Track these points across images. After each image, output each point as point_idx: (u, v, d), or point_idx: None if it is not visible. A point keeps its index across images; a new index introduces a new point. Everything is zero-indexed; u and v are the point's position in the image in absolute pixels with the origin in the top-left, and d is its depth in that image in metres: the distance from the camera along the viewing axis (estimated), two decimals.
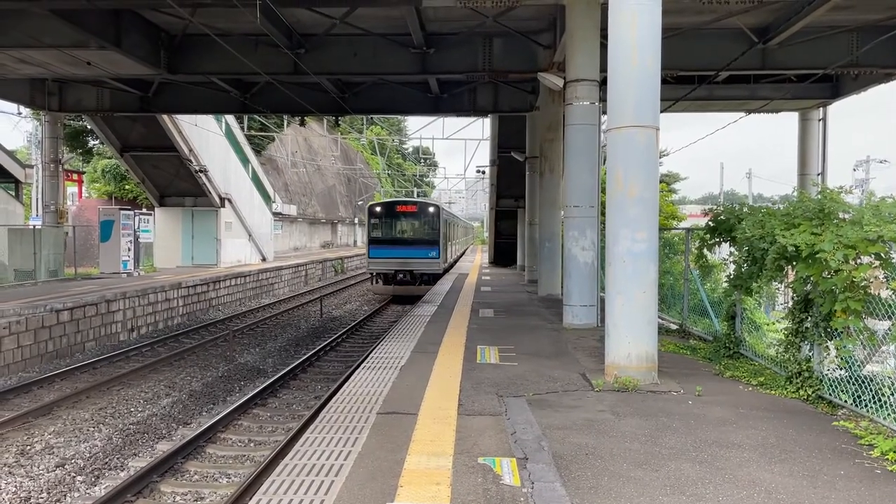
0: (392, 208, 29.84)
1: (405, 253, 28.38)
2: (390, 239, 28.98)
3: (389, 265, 28.42)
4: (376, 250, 28.69)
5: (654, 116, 7.88)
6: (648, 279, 7.84)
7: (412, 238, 29.08)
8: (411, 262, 28.27)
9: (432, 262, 28.39)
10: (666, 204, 35.24)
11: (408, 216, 29.54)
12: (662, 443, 5.81)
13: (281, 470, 5.07)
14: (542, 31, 16.82)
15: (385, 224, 29.39)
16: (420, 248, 28.49)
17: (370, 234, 29.18)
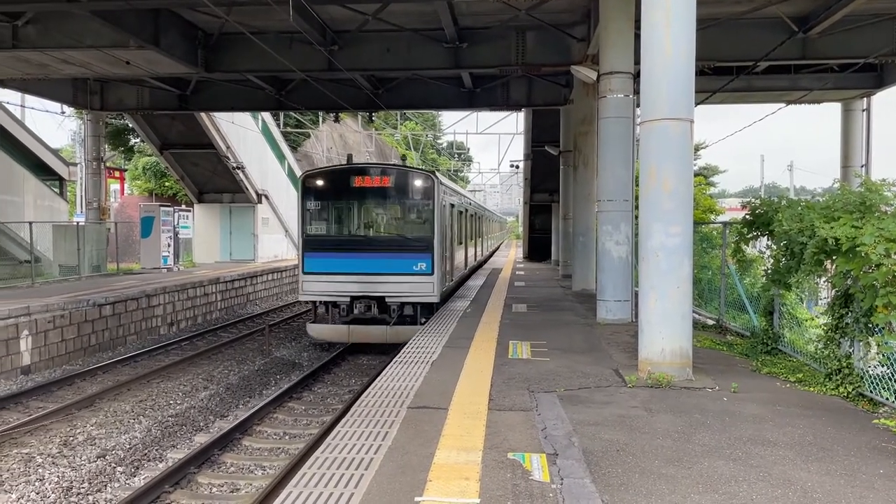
0: (345, 181, 15.77)
1: (370, 264, 15.22)
2: (342, 239, 15.73)
3: (341, 287, 15.26)
4: (316, 259, 15.43)
5: (689, 109, 7.75)
6: (682, 274, 7.73)
7: (384, 237, 15.94)
8: (382, 280, 15.14)
9: (420, 282, 15.11)
10: (703, 197, 34.68)
11: (375, 196, 15.99)
12: (695, 440, 5.73)
13: (312, 463, 5.13)
14: (575, 23, 16.66)
15: (333, 211, 16.15)
16: (398, 254, 15.28)
17: (304, 230, 15.66)
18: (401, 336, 14.25)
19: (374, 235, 15.90)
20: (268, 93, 21.83)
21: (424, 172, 16.10)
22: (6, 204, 25.09)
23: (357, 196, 15.85)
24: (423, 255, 15.08)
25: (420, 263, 15.07)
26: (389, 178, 15.66)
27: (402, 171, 16.71)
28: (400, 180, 15.74)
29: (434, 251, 15.11)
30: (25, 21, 15.83)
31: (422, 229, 15.53)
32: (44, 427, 10.36)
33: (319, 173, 16.46)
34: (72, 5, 13.23)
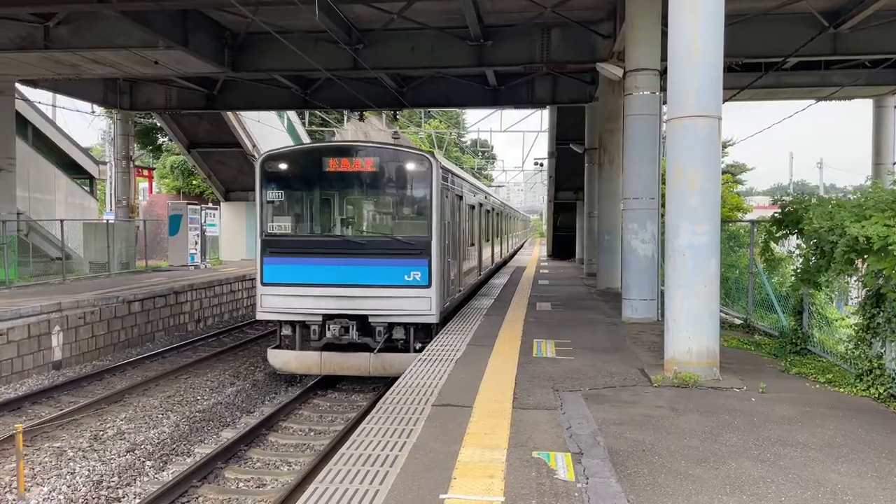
0: (316, 164, 12.28)
1: (349, 273, 11.71)
2: (312, 240, 12.26)
3: (311, 303, 11.88)
4: (279, 267, 12.00)
5: (717, 105, 7.67)
6: (710, 273, 7.65)
7: (367, 237, 12.49)
8: (364, 294, 11.69)
9: (414, 296, 11.66)
10: (731, 195, 34.23)
11: (355, 183, 12.55)
12: (723, 440, 5.67)
13: (338, 459, 5.17)
14: (601, 20, 16.56)
15: (300, 204, 12.69)
16: (386, 260, 11.76)
17: (264, 229, 12.18)
18: (388, 367, 11.38)
19: (354, 236, 12.29)
20: (293, 92, 21.99)
21: (419, 154, 12.13)
22: (38, 202, 25.60)
23: (332, 184, 12.31)
24: (417, 261, 11.42)
25: (414, 272, 11.38)
26: (373, 160, 11.84)
27: (389, 151, 12.37)
28: (387, 163, 11.96)
29: (432, 255, 11.42)
30: (57, 22, 16.11)
31: (416, 227, 11.76)
32: (74, 421, 10.55)
33: (283, 155, 12.38)
34: (102, 6, 13.44)
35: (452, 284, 13.32)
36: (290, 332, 12.16)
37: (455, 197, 13.71)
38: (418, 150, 12.73)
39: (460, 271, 14.47)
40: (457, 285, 13.99)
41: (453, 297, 13.43)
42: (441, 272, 11.82)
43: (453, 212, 13.43)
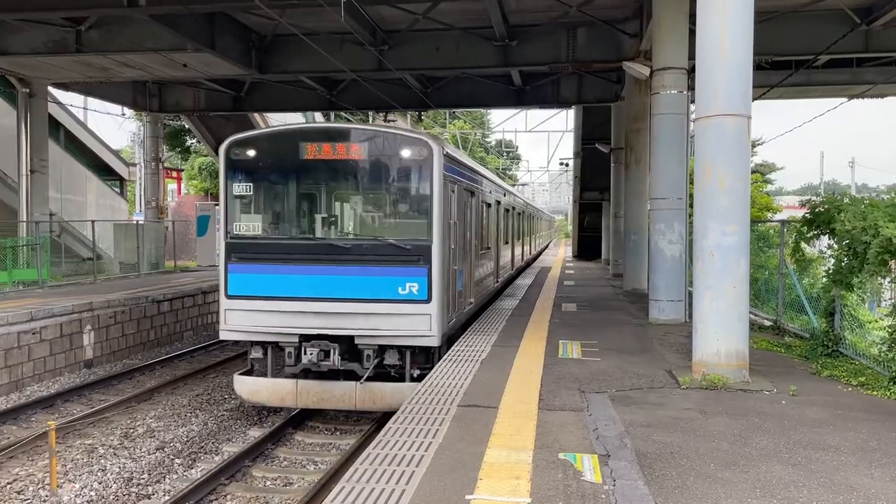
0: (291, 151, 10.13)
1: (331, 284, 9.70)
2: (287, 244, 10.16)
3: (285, 321, 9.84)
4: (247, 276, 9.97)
5: (746, 104, 7.57)
6: (739, 274, 7.55)
7: (353, 241, 10.26)
8: (349, 310, 9.63)
9: (410, 313, 9.61)
10: (760, 195, 33.85)
11: (339, 174, 10.66)
12: (753, 443, 5.60)
13: (364, 458, 5.18)
14: (627, 19, 16.44)
15: (273, 199, 10.80)
16: (376, 268, 9.64)
17: (229, 229, 10.21)
18: (379, 399, 9.59)
19: (337, 238, 10.19)
20: (319, 93, 22.15)
21: (416, 137, 10.00)
22: (70, 203, 26.07)
23: (311, 175, 10.38)
24: (415, 270, 9.40)
25: (410, 283, 9.37)
26: (361, 146, 9.78)
27: (380, 134, 10.13)
28: (378, 150, 9.88)
29: (433, 263, 9.42)
30: (88, 26, 16.40)
31: (414, 228, 9.79)
32: (105, 419, 10.72)
33: (253, 139, 10.33)
34: (132, 10, 13.65)
35: (461, 297, 11.22)
36: (261, 355, 10.22)
37: (465, 192, 11.51)
38: (416, 133, 10.08)
39: (471, 280, 12.28)
40: (466, 297, 11.72)
41: (462, 311, 11.32)
42: (445, 283, 9.81)
43: (463, 209, 11.37)
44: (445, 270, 9.88)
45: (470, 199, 12.17)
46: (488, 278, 15.02)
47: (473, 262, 12.51)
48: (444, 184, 9.80)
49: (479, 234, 13.23)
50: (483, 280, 14.11)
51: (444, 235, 9.74)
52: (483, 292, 13.99)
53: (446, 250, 9.98)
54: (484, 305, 14.12)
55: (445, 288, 9.89)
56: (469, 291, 12.05)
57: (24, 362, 12.51)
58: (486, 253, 14.63)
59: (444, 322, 9.84)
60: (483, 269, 14.15)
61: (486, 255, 14.49)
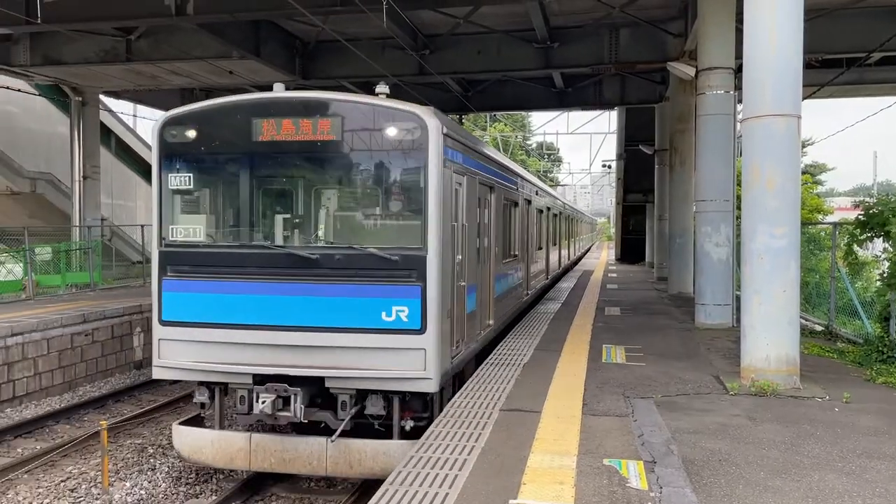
0: (243, 130, 7.51)
1: (294, 308, 7.29)
2: (237, 253, 7.67)
3: (234, 355, 7.38)
4: (186, 295, 7.58)
5: (795, 104, 7.40)
6: (789, 277, 7.37)
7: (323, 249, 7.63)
8: (317, 342, 7.23)
9: (398, 346, 7.15)
10: (810, 197, 33.03)
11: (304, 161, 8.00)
12: (804, 451, 5.45)
13: (408, 461, 5.20)
14: (671, 19, 16.22)
15: (219, 193, 8.14)
16: (353, 286, 7.22)
17: (163, 234, 7.72)
18: (357, 462, 7.25)
19: (302, 246, 7.63)
20: None
21: (404, 110, 7.32)
22: (120, 208, 26.80)
23: (268, 162, 7.93)
24: (404, 290, 7.12)
25: (398, 307, 7.09)
26: (332, 122, 7.34)
27: (357, 109, 7.54)
28: (354, 128, 7.41)
29: (429, 278, 7.09)
30: (138, 35, 16.84)
31: (403, 232, 7.48)
32: (154, 419, 10.96)
33: (193, 116, 7.79)
34: (180, 19, 13.96)
35: (473, 321, 8.87)
36: (207, 399, 7.80)
37: (480, 187, 9.32)
38: (404, 105, 7.33)
39: (490, 297, 10.13)
40: (482, 320, 9.57)
41: (475, 339, 9.00)
42: (447, 305, 7.42)
43: (476, 208, 9.12)
44: (448, 288, 7.48)
45: (488, 195, 10.01)
46: (515, 292, 12.70)
47: (493, 273, 10.24)
48: (446, 173, 7.39)
49: (501, 240, 11.06)
50: (507, 295, 11.78)
51: (445, 242, 7.31)
52: (507, 310, 11.71)
53: (449, 261, 7.53)
54: (510, 324, 11.88)
55: (448, 312, 7.46)
56: (487, 312, 9.95)
57: (77, 363, 12.88)
58: (512, 262, 12.29)
59: (447, 357, 7.47)
60: (507, 281, 11.84)
61: (511, 264, 12.20)
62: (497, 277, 10.65)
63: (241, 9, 14.10)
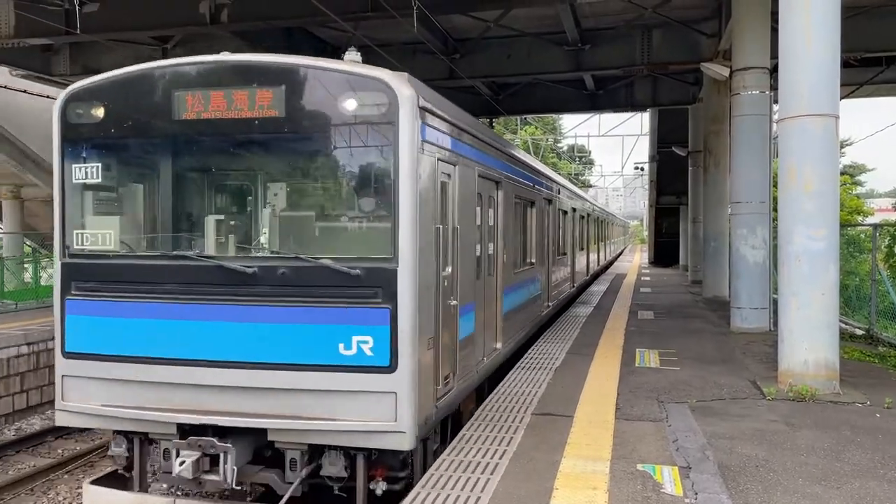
0: (163, 106, 5.76)
1: (226, 336, 5.55)
2: (154, 267, 5.85)
3: (152, 396, 5.69)
4: (91, 320, 5.88)
5: (833, 103, 7.25)
6: (828, 280, 7.22)
7: (262, 262, 5.69)
8: (256, 382, 5.48)
9: (361, 389, 5.37)
10: (849, 198, 32.40)
11: (241, 145, 6.05)
12: (845, 458, 5.33)
13: (439, 464, 5.20)
14: (705, 19, 16.02)
15: (135, 187, 6.50)
16: (302, 308, 5.46)
17: (66, 241, 6.01)
18: None
19: (238, 256, 5.90)
20: None
21: (368, 77, 5.53)
22: None
23: (193, 147, 6.30)
24: (367, 314, 5.45)
25: (360, 337, 5.44)
26: (275, 93, 5.61)
27: (307, 75, 5.72)
28: (303, 101, 5.73)
29: (401, 298, 5.41)
30: (174, 44, 17.14)
31: (366, 238, 5.92)
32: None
33: (101, 89, 6.07)
34: (215, 27, 14.18)
35: (470, 347, 7.04)
36: (125, 450, 6.07)
37: (480, 181, 7.51)
38: (368, 70, 5.60)
39: (497, 316, 8.45)
40: (484, 345, 7.66)
41: (473, 370, 7.15)
42: (426, 332, 5.66)
43: (477, 207, 7.48)
44: (430, 310, 5.74)
45: (493, 192, 8.32)
46: (531, 306, 11.05)
47: (501, 287, 8.57)
48: (426, 160, 5.69)
49: (513, 245, 9.46)
50: (522, 311, 10.12)
51: (425, 250, 5.60)
52: (521, 328, 10.04)
53: (432, 275, 5.82)
54: (527, 343, 10.46)
55: (430, 340, 5.74)
56: (493, 333, 8.27)
57: None
58: (528, 271, 10.77)
59: (429, 400, 5.70)
60: (522, 294, 10.18)
61: (526, 273, 10.59)
62: (507, 291, 8.89)
63: (275, 16, 14.27)
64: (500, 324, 8.52)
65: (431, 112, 5.84)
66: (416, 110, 5.43)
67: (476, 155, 7.38)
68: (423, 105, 5.59)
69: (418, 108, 5.47)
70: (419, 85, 5.74)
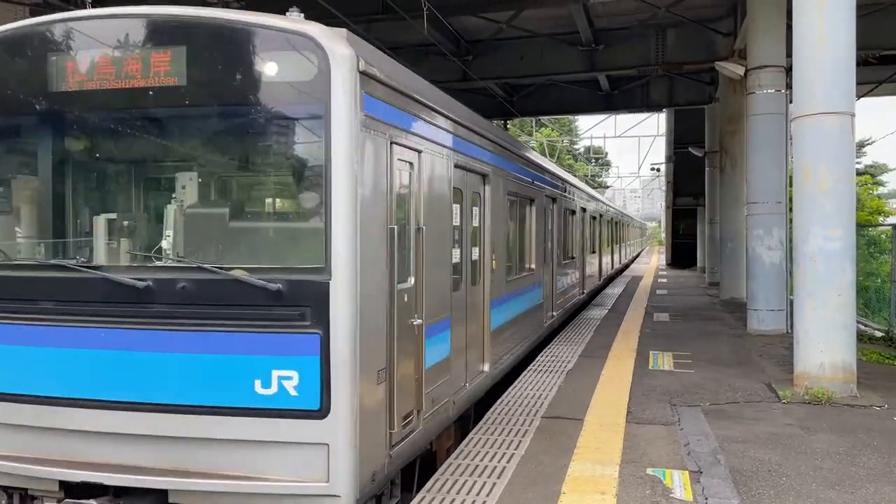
0: (38, 76, 4.43)
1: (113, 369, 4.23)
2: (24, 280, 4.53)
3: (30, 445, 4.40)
4: None
5: (848, 101, 7.12)
6: (844, 281, 7.08)
7: (154, 274, 4.31)
8: (151, 428, 4.18)
9: (280, 440, 4.10)
10: (870, 198, 31.93)
11: (135, 123, 4.65)
12: (861, 462, 5.21)
13: (446, 468, 5.14)
14: (720, 18, 15.89)
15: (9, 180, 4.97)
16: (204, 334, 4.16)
17: None
18: None
19: (128, 266, 4.57)
20: None
21: (290, 32, 4.19)
22: None
23: (78, 125, 4.78)
24: (291, 342, 4.10)
25: (281, 372, 4.09)
26: (173, 57, 4.28)
27: (213, 31, 4.34)
28: (210, 66, 4.33)
29: (336, 321, 4.08)
30: None
31: (290, 242, 4.69)
32: None
33: None
34: None
35: (441, 375, 5.62)
36: None
37: (460, 172, 6.30)
38: (292, 24, 4.29)
39: (484, 333, 7.14)
40: (467, 368, 6.42)
41: (449, 403, 5.82)
42: (375, 363, 4.47)
43: (454, 204, 6.18)
44: (380, 333, 4.52)
45: (479, 187, 7.06)
46: (530, 318, 9.70)
47: (488, 298, 7.24)
48: (371, 142, 4.39)
49: (504, 250, 8.10)
50: (517, 324, 8.76)
51: (372, 256, 4.37)
52: (515, 344, 8.61)
53: (383, 288, 4.56)
54: (526, 360, 9.24)
55: (381, 373, 4.50)
56: (477, 355, 6.90)
57: None
58: (526, 279, 9.50)
59: (379, 450, 4.48)
60: (517, 305, 8.82)
61: (523, 281, 9.32)
62: (498, 303, 7.62)
63: None
64: (487, 342, 7.15)
65: (380, 81, 4.47)
66: (355, 76, 4.14)
67: (452, 141, 6.05)
68: (367, 70, 4.26)
69: (359, 72, 4.17)
70: (361, 45, 4.49)
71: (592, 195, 19.29)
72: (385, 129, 4.59)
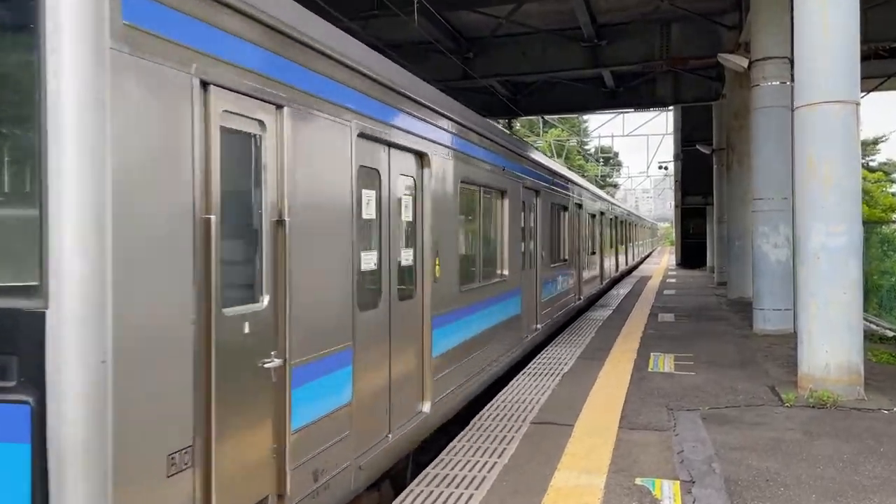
0: None
1: None
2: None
3: None
4: None
5: (852, 89, 6.80)
6: (849, 278, 6.76)
7: None
8: None
9: None
10: (884, 196, 31.43)
11: None
12: (865, 470, 4.89)
13: (420, 479, 4.87)
14: (725, 11, 15.54)
15: None
16: None
17: None
18: None
19: None
20: None
21: None
22: None
23: None
24: None
25: None
26: None
27: None
28: None
29: (63, 380, 2.38)
30: None
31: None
32: None
33: None
34: None
35: (326, 439, 3.99)
36: None
37: (372, 146, 4.77)
38: None
39: (424, 366, 5.72)
40: (372, 423, 4.74)
41: (340, 479, 4.14)
42: (156, 448, 2.69)
43: (361, 189, 4.55)
44: (180, 391, 2.87)
45: (416, 169, 5.63)
46: (501, 336, 8.13)
47: (427, 316, 5.72)
48: (138, 72, 2.65)
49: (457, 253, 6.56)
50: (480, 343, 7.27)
51: (150, 265, 2.73)
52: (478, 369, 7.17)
53: (186, 317, 2.90)
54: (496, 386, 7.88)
55: (183, 456, 2.85)
56: (413, 392, 5.53)
57: None
58: (494, 287, 7.91)
59: None
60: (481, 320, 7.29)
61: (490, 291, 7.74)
62: (445, 321, 6.11)
63: None
64: (427, 373, 5.68)
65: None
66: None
67: (356, 99, 4.40)
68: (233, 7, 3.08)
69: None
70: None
71: (592, 191, 17.83)
72: (186, 58, 2.88)
